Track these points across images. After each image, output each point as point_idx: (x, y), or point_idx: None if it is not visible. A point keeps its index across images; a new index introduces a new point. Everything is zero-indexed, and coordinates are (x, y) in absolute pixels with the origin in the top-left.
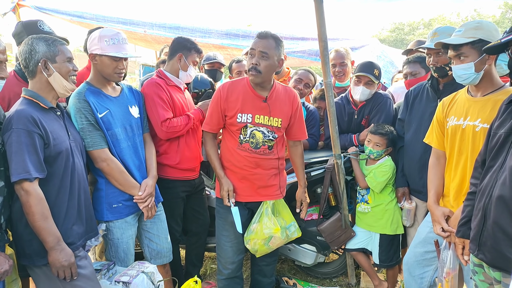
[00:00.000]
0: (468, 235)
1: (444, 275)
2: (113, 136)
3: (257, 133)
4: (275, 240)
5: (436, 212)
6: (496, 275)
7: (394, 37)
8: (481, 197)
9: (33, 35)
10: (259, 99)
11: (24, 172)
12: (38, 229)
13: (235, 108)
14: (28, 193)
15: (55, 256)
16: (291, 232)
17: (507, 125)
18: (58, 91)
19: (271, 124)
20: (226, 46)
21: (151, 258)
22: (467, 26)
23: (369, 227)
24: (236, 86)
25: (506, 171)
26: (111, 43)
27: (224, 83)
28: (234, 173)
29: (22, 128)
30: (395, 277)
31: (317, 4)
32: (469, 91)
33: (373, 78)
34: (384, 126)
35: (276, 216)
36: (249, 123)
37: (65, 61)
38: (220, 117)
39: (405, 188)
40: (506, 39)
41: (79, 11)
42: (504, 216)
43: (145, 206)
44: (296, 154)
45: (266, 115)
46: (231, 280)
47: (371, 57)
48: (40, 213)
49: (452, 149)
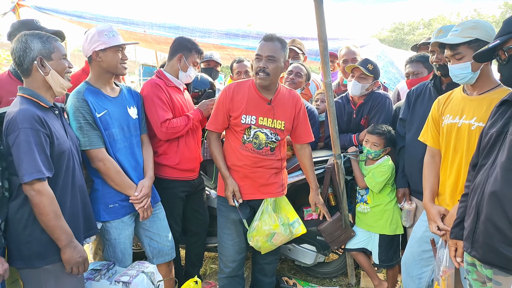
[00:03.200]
0: (460, 236)
1: (440, 273)
2: (110, 136)
3: (261, 134)
4: (278, 236)
5: (431, 210)
6: (488, 272)
7: (394, 37)
8: (473, 195)
9: (26, 31)
10: (264, 101)
11: (37, 171)
12: (53, 228)
13: (240, 109)
14: (41, 193)
15: (70, 254)
16: (295, 228)
17: (498, 124)
18: (55, 89)
19: (275, 126)
20: (226, 46)
21: (153, 257)
22: (463, 25)
23: (369, 227)
24: (241, 87)
25: (497, 167)
26: (111, 36)
27: (230, 84)
28: (236, 172)
29: (30, 127)
30: (395, 277)
31: (317, 4)
32: (464, 90)
33: (365, 70)
34: (381, 126)
35: (278, 213)
36: (253, 125)
37: (60, 58)
38: (225, 117)
39: (406, 188)
40: (493, 44)
41: (78, 11)
42: (496, 212)
43: (141, 207)
44: (305, 156)
45: (270, 118)
46: (232, 279)
47: (371, 57)
48: (53, 212)
49: (447, 148)
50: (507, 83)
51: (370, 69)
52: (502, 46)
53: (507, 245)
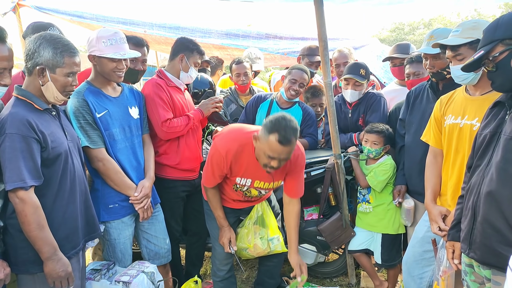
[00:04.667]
0: (457, 238)
1: (440, 273)
2: (110, 137)
3: (253, 191)
4: (255, 249)
5: (433, 211)
6: (486, 273)
7: (394, 37)
8: (469, 196)
9: (46, 34)
10: (263, 169)
11: (19, 180)
12: (34, 239)
13: (238, 173)
14: (24, 201)
15: (52, 267)
16: (274, 245)
17: (491, 125)
18: (49, 99)
19: (270, 187)
20: (226, 46)
21: (149, 259)
22: (464, 26)
23: (371, 227)
24: (241, 153)
25: (492, 167)
26: (109, 44)
27: (230, 148)
28: (227, 201)
29: (16, 133)
30: (396, 276)
31: (317, 4)
32: (467, 90)
33: (359, 78)
34: (379, 124)
35: (261, 226)
36: (247, 185)
37: (66, 74)
38: (222, 176)
39: (402, 186)
40: (478, 55)
41: (79, 11)
42: (492, 212)
43: (141, 207)
44: (292, 213)
45: (267, 182)
46: (227, 280)
47: (371, 57)
48: (36, 222)
49: (449, 148)
50: (499, 89)
51: (363, 75)
52: (487, 56)
53: (505, 245)
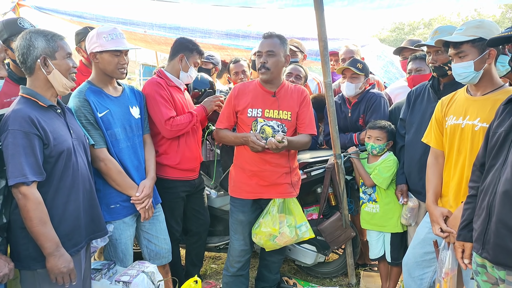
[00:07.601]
0: (469, 238)
1: (442, 275)
2: (112, 136)
3: (267, 128)
4: (282, 237)
5: (434, 212)
6: (500, 274)
7: (394, 37)
8: (484, 196)
9: (29, 29)
10: (268, 94)
11: (21, 175)
12: (36, 234)
13: (246, 103)
14: (26, 197)
15: (54, 262)
16: (302, 231)
17: (506, 123)
18: (57, 89)
19: (281, 117)
20: (226, 46)
21: (150, 259)
22: (468, 24)
23: (380, 227)
24: (247, 85)
25: (508, 167)
26: (110, 39)
27: (236, 84)
28: (244, 170)
29: (19, 129)
30: (399, 274)
31: (317, 4)
32: (468, 90)
33: (355, 70)
34: (381, 120)
35: (286, 214)
36: (259, 117)
37: (64, 57)
38: (232, 113)
39: (404, 185)
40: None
41: (79, 11)
42: (507, 211)
43: (142, 207)
44: None
45: (275, 109)
46: (236, 278)
47: (371, 57)
48: (38, 218)
49: (451, 149)
50: None
51: (360, 68)
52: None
53: None
